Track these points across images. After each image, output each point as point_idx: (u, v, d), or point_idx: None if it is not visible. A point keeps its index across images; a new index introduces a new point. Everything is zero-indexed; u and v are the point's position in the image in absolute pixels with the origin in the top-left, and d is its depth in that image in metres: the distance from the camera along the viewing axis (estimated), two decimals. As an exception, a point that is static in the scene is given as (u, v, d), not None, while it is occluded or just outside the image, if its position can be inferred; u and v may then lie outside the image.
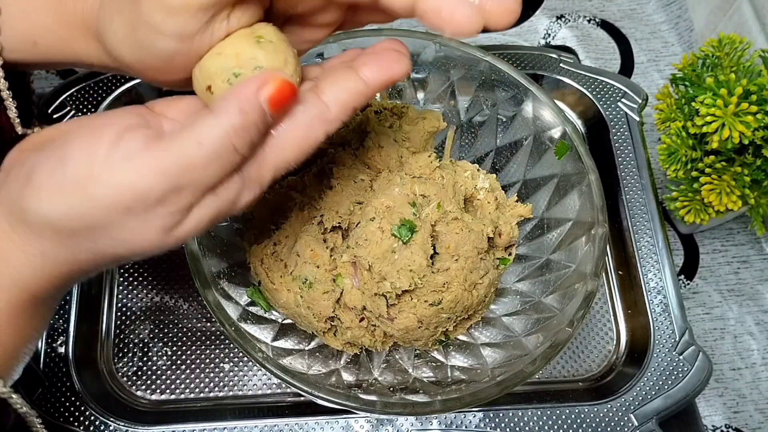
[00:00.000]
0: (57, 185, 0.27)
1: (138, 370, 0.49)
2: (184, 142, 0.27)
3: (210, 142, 0.27)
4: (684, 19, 0.68)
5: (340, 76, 0.30)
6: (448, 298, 0.43)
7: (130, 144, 0.27)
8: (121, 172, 0.26)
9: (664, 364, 0.48)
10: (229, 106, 0.27)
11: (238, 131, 0.27)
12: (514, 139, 0.51)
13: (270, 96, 0.28)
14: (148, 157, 0.26)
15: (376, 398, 0.41)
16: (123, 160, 0.26)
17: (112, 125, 0.28)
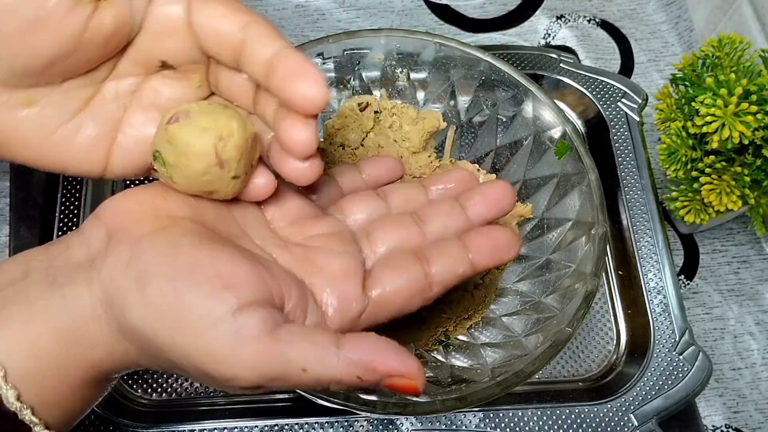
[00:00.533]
0: (164, 317, 0.26)
1: (138, 369, 0.49)
2: (292, 360, 0.26)
3: (311, 376, 0.26)
4: (684, 19, 0.68)
5: (451, 255, 0.31)
6: (448, 298, 0.43)
7: (246, 324, 0.26)
8: (221, 348, 0.25)
9: (664, 364, 0.48)
10: (355, 362, 0.26)
11: (342, 385, 0.27)
12: (514, 139, 0.51)
13: (394, 385, 0.27)
14: (253, 352, 0.25)
15: (376, 398, 0.41)
16: (230, 337, 0.25)
17: (239, 289, 0.26)
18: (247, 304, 0.26)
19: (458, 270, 0.31)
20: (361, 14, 0.68)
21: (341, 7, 0.68)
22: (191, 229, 0.28)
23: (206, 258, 0.27)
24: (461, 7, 0.69)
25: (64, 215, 0.52)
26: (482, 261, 0.31)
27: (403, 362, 0.26)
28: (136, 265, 0.26)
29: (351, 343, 0.27)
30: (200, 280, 0.26)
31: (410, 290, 0.30)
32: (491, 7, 0.69)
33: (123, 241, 0.27)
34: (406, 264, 0.31)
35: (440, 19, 0.68)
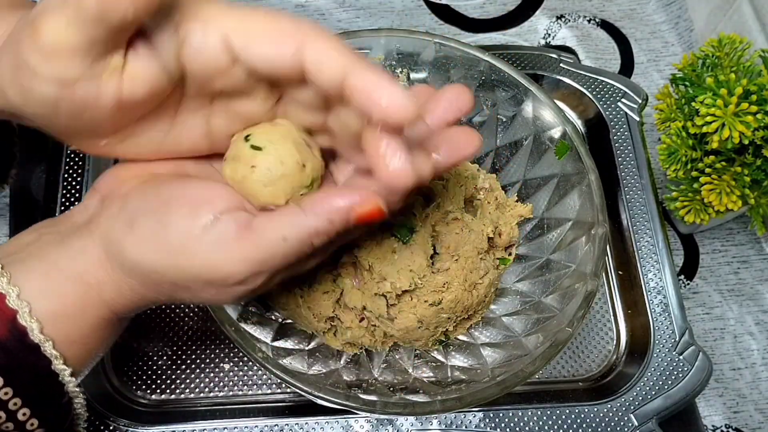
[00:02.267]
0: (155, 246, 0.30)
1: (138, 370, 0.49)
2: (270, 237, 0.29)
3: (294, 239, 0.29)
4: (684, 19, 0.68)
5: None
6: (448, 298, 0.43)
7: (225, 228, 0.29)
8: (211, 253, 0.29)
9: (664, 364, 0.48)
10: (319, 211, 0.29)
11: (321, 234, 0.30)
12: (514, 139, 0.51)
13: (360, 215, 0.30)
14: (238, 247, 0.29)
15: (376, 398, 0.41)
16: (215, 243, 0.29)
17: (213, 203, 0.30)
18: (221, 212, 0.30)
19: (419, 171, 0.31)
20: (361, 14, 0.68)
21: (341, 7, 0.68)
22: (171, 177, 0.32)
23: (180, 188, 0.31)
24: (461, 7, 0.69)
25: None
26: (441, 160, 0.32)
27: (358, 193, 0.30)
28: (125, 212, 0.31)
29: (310, 200, 0.30)
30: (176, 207, 0.30)
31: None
32: (491, 7, 0.69)
33: (113, 198, 0.32)
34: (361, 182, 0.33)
35: (440, 19, 0.68)
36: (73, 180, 0.53)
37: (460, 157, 0.33)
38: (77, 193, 0.52)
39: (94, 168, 0.54)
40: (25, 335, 0.29)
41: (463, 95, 0.34)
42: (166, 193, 0.31)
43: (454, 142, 0.33)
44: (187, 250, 0.29)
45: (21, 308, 0.29)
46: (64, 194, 0.52)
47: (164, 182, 0.31)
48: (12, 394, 0.29)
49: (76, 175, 0.53)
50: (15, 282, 0.30)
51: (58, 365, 0.30)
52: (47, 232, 0.32)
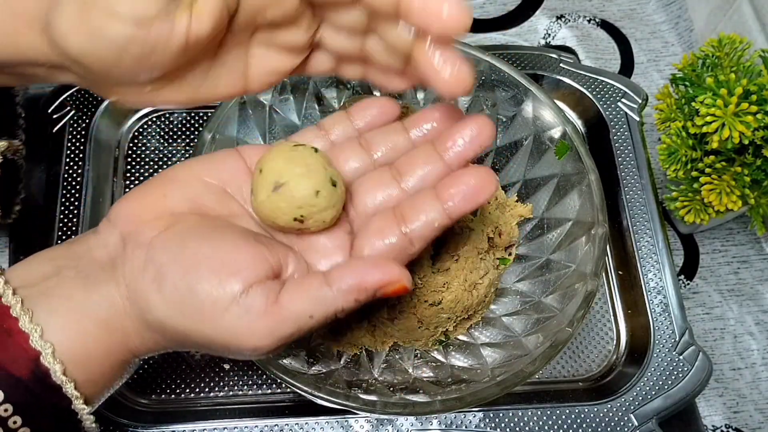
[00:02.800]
0: (182, 310, 0.29)
1: (138, 369, 0.49)
2: (298, 313, 0.30)
3: (319, 317, 0.30)
4: (684, 19, 0.68)
5: (425, 209, 0.32)
6: (448, 298, 0.43)
7: (253, 302, 0.29)
8: (238, 326, 0.29)
9: (664, 364, 0.48)
10: (346, 289, 0.30)
11: (346, 311, 0.30)
12: (514, 139, 0.51)
13: (386, 293, 0.30)
14: (265, 322, 0.29)
15: (376, 398, 0.41)
16: (242, 317, 0.29)
17: (242, 273, 0.29)
18: (250, 284, 0.29)
19: (434, 223, 0.32)
20: (361, 14, 0.68)
21: (341, 7, 0.68)
22: (193, 223, 0.31)
23: (210, 250, 0.30)
24: (461, 7, 0.69)
25: (64, 215, 0.52)
26: (456, 209, 0.32)
27: (385, 271, 0.30)
28: (151, 268, 0.30)
29: (338, 275, 0.30)
30: (207, 273, 0.29)
31: (392, 252, 0.32)
32: (491, 7, 0.69)
33: (137, 245, 0.31)
34: (385, 227, 0.32)
35: (440, 19, 0.68)
36: (73, 180, 0.53)
37: (474, 204, 0.32)
38: (77, 193, 0.52)
39: (94, 168, 0.54)
40: (48, 376, 0.29)
41: (485, 128, 0.33)
42: (194, 253, 0.30)
43: (469, 186, 0.32)
44: (215, 319, 0.29)
45: (44, 349, 0.29)
46: (63, 194, 0.52)
47: (189, 234, 0.31)
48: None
49: (76, 175, 0.53)
50: (37, 320, 0.29)
51: (78, 405, 0.30)
52: (66, 266, 0.31)
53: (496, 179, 0.32)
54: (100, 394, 0.32)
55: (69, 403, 0.30)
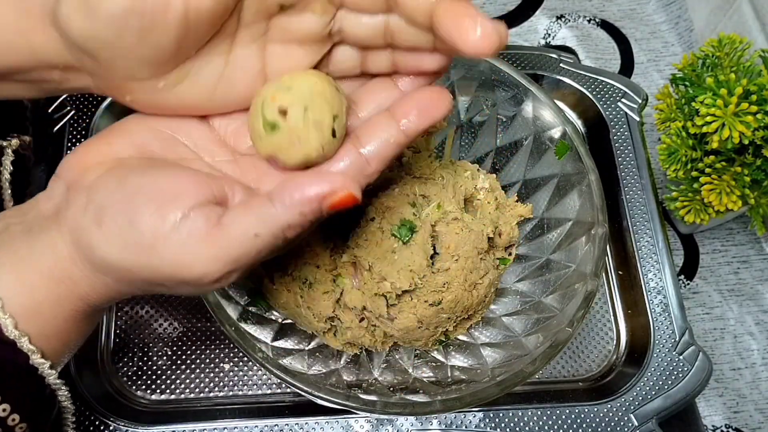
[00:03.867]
0: (124, 244, 0.29)
1: (138, 370, 0.49)
2: (242, 234, 0.29)
3: (266, 234, 0.29)
4: (684, 19, 0.68)
5: (380, 128, 0.32)
6: (448, 298, 0.43)
7: (194, 226, 0.28)
8: (181, 253, 0.28)
9: (664, 364, 0.48)
10: (289, 203, 0.29)
11: (293, 227, 0.29)
12: (514, 139, 0.51)
13: (333, 204, 0.29)
14: (208, 245, 0.28)
15: (376, 398, 0.41)
16: (184, 242, 0.28)
17: (181, 198, 0.29)
18: (190, 209, 0.29)
19: (390, 140, 0.31)
20: (361, 14, 0.68)
21: (341, 7, 0.68)
22: (136, 163, 0.31)
23: (147, 182, 0.29)
24: (461, 7, 0.69)
25: (64, 215, 0.52)
26: (412, 126, 0.31)
27: (328, 180, 0.29)
28: (92, 206, 0.29)
29: (280, 190, 0.29)
30: (144, 202, 0.29)
31: (348, 173, 0.31)
32: (491, 7, 0.69)
33: (78, 189, 0.30)
34: (341, 150, 0.32)
35: (440, 19, 0.68)
36: (73, 180, 0.53)
37: (430, 120, 0.32)
38: (77, 193, 0.52)
39: (94, 168, 0.54)
40: (0, 332, 0.29)
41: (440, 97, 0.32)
42: (133, 186, 0.29)
43: (423, 102, 0.32)
44: (157, 249, 0.28)
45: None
46: (64, 194, 0.52)
47: (130, 171, 0.30)
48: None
49: (76, 175, 0.53)
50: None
51: (36, 359, 0.30)
52: (14, 222, 0.32)
53: (450, 97, 0.32)
54: (60, 351, 0.32)
55: (26, 358, 0.30)
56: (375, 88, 0.34)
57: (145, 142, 0.32)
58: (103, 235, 0.29)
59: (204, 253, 0.28)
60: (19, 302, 0.30)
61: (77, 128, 0.54)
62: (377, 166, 0.32)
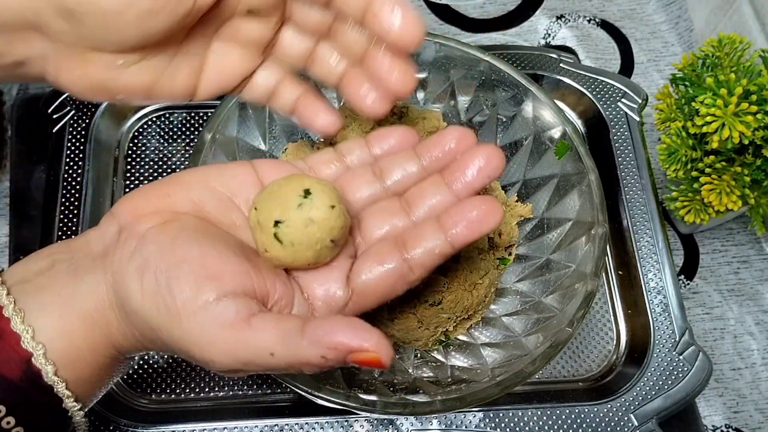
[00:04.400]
0: (156, 304, 0.29)
1: (138, 370, 0.49)
2: (260, 346, 0.28)
3: (282, 359, 0.28)
4: (684, 19, 0.68)
5: (427, 236, 0.31)
6: (448, 298, 0.43)
7: (223, 312, 0.28)
8: (201, 333, 0.28)
9: (664, 364, 0.48)
10: (316, 342, 0.28)
11: (311, 365, 0.29)
12: (514, 139, 0.51)
13: (358, 360, 0.28)
14: (228, 338, 0.28)
15: (376, 398, 0.41)
16: (208, 324, 0.28)
17: (221, 281, 0.29)
18: (225, 295, 0.28)
19: (435, 250, 0.31)
20: (361, 14, 0.68)
21: (341, 7, 0.68)
22: (190, 224, 0.31)
23: (197, 253, 0.29)
24: (461, 7, 0.69)
25: (64, 215, 0.52)
26: (459, 237, 0.31)
27: (363, 337, 0.28)
28: (139, 257, 0.30)
29: (314, 326, 0.28)
30: (187, 273, 0.29)
31: (390, 277, 0.31)
32: (491, 7, 0.69)
33: (131, 235, 0.30)
34: (385, 252, 0.32)
35: (440, 19, 0.68)
36: (73, 180, 0.53)
37: (478, 233, 0.31)
38: (77, 193, 0.52)
39: (94, 168, 0.54)
40: (40, 377, 0.29)
41: (494, 158, 0.32)
42: (182, 252, 0.29)
43: (473, 215, 0.31)
44: (181, 320, 0.28)
45: (36, 350, 0.29)
46: (63, 194, 0.52)
47: (183, 232, 0.30)
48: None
49: (75, 176, 0.53)
50: (30, 320, 0.29)
51: (69, 403, 0.30)
52: (61, 259, 0.31)
53: (502, 209, 0.31)
54: (91, 393, 0.32)
55: (60, 402, 0.30)
56: (427, 187, 0.34)
57: (203, 200, 0.32)
58: (141, 289, 0.29)
59: (220, 342, 0.28)
60: (59, 347, 0.30)
61: (77, 128, 0.54)
62: (420, 274, 0.32)
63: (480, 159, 0.33)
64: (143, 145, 0.57)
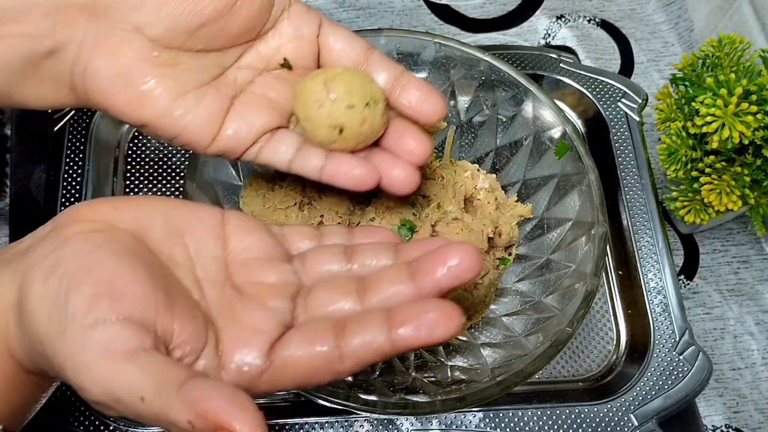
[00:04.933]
0: (49, 311, 0.26)
1: (138, 370, 0.49)
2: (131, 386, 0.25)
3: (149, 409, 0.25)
4: (684, 19, 0.68)
5: (370, 328, 0.27)
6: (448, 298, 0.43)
7: (111, 337, 0.25)
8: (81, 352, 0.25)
9: (664, 364, 0.48)
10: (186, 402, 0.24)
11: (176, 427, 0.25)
12: (514, 139, 0.51)
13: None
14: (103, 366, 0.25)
15: (376, 398, 0.41)
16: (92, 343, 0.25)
17: (121, 302, 0.26)
18: (119, 318, 0.25)
19: (373, 345, 0.27)
20: (361, 14, 0.68)
21: (341, 7, 0.68)
22: (122, 240, 0.28)
23: (109, 266, 0.27)
24: (461, 7, 0.69)
25: (64, 215, 0.52)
26: (403, 340, 0.27)
27: (236, 415, 0.24)
28: (53, 256, 0.27)
29: (194, 385, 0.25)
30: (90, 283, 0.26)
31: (316, 360, 0.28)
32: (491, 7, 0.69)
33: (57, 235, 0.28)
34: (319, 331, 0.28)
35: (440, 19, 0.68)
36: (73, 180, 0.53)
37: (425, 341, 0.27)
38: (77, 193, 0.52)
39: (94, 168, 0.54)
40: None
41: (468, 258, 0.28)
42: (98, 263, 0.27)
43: (425, 319, 0.27)
44: (67, 334, 0.25)
45: None
46: (63, 194, 0.52)
47: (108, 245, 0.28)
48: None
49: (75, 176, 0.53)
50: None
51: None
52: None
53: (461, 319, 0.27)
54: (9, 413, 0.29)
55: None
56: (389, 274, 0.30)
57: (151, 224, 0.30)
58: (41, 290, 0.26)
59: (96, 369, 0.25)
60: None
61: (77, 128, 0.54)
62: (349, 366, 0.28)
63: (455, 257, 0.28)
64: (143, 145, 0.57)
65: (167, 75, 0.33)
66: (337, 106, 0.34)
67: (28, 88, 0.34)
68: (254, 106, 0.36)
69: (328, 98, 0.34)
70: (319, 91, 0.34)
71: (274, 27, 0.37)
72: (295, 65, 0.37)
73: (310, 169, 0.36)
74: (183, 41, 0.34)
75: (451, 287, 0.29)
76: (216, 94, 0.35)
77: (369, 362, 0.28)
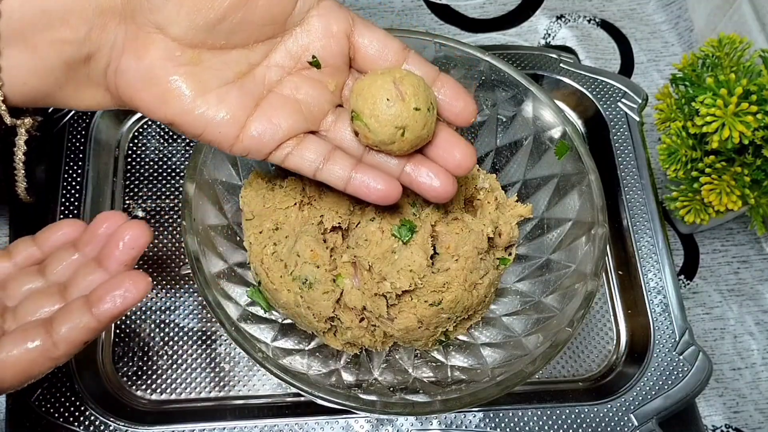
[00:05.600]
0: None
1: (138, 370, 0.49)
2: None
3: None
4: (684, 19, 0.68)
5: (74, 314, 0.33)
6: (448, 298, 0.43)
7: None
8: None
9: (664, 364, 0.48)
10: None
11: None
12: (514, 139, 0.51)
13: None
14: None
15: (376, 398, 0.41)
16: None
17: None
18: None
19: (80, 325, 0.33)
20: (361, 14, 0.68)
21: (341, 7, 0.68)
22: None
23: None
24: (461, 7, 0.69)
25: (64, 215, 0.52)
26: (104, 313, 0.33)
27: None
28: None
29: None
30: None
31: (32, 353, 0.32)
32: (491, 7, 0.69)
33: None
34: (30, 329, 0.33)
35: (440, 19, 0.68)
36: (73, 180, 0.53)
37: (124, 306, 0.33)
38: (77, 193, 0.52)
39: (94, 168, 0.54)
40: None
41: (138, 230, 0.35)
42: None
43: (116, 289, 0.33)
44: None
45: None
46: (63, 194, 0.52)
47: None
48: None
49: (75, 176, 0.53)
50: None
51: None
52: None
53: (147, 281, 0.34)
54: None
55: None
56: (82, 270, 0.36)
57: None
58: None
59: None
60: None
61: (77, 128, 0.54)
62: (66, 349, 0.33)
63: (124, 235, 0.35)
64: (143, 145, 0.57)
65: (190, 74, 0.34)
66: (406, 107, 0.34)
67: (69, 91, 0.35)
68: (281, 109, 0.36)
69: (399, 98, 0.34)
70: (390, 90, 0.34)
71: (302, 23, 0.36)
72: (324, 63, 0.37)
73: (335, 179, 0.37)
74: (204, 38, 0.34)
75: (132, 258, 0.35)
76: (239, 93, 0.35)
77: (83, 341, 0.33)
